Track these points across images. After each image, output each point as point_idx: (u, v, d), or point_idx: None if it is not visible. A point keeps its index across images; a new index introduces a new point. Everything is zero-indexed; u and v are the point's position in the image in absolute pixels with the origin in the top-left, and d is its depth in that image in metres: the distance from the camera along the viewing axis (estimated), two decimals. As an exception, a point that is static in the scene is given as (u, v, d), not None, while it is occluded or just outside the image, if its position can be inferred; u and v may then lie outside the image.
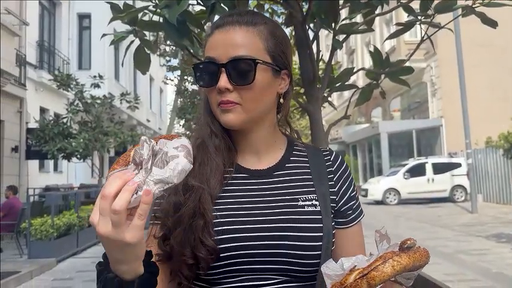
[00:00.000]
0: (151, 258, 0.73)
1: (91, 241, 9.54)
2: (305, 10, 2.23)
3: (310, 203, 0.90)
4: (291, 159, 0.97)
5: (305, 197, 0.91)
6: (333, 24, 2.18)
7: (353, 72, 2.45)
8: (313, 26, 2.32)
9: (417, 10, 2.13)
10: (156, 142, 0.68)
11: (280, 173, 0.94)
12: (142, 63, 2.06)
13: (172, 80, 20.18)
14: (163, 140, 0.68)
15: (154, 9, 1.86)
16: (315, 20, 2.27)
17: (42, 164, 14.67)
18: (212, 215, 0.84)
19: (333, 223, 0.92)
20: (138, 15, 1.92)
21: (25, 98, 12.79)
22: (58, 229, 8.10)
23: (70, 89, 13.27)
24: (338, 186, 0.96)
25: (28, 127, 13.01)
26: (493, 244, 8.38)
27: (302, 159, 0.98)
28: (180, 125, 22.08)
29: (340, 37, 2.27)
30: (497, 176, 15.70)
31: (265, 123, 0.94)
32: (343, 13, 2.40)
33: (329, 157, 0.99)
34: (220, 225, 0.84)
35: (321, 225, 0.88)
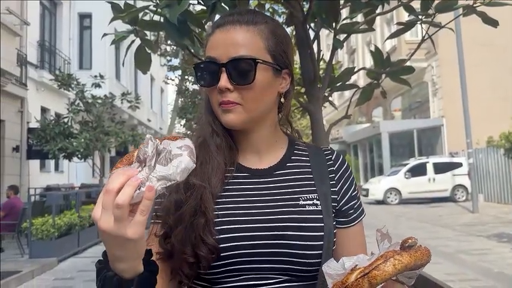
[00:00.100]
0: (151, 257, 0.73)
1: (92, 241, 9.55)
2: (306, 10, 2.23)
3: (311, 203, 0.90)
4: (292, 158, 0.97)
5: (306, 197, 0.90)
6: (334, 23, 2.18)
7: (354, 71, 2.46)
8: (314, 26, 2.32)
9: (418, 9, 2.13)
10: (161, 142, 0.69)
11: (281, 173, 0.94)
12: (143, 62, 2.07)
13: (173, 80, 20.21)
14: (167, 141, 0.69)
15: (155, 8, 1.86)
16: (316, 20, 2.28)
17: (43, 164, 14.68)
18: (213, 214, 0.84)
19: (334, 223, 0.92)
20: (139, 14, 1.92)
21: (26, 98, 12.80)
22: (59, 229, 8.11)
23: (71, 89, 13.28)
24: (339, 185, 0.96)
25: (29, 127, 13.01)
26: (494, 244, 8.37)
27: (303, 158, 0.98)
28: (181, 125, 22.10)
29: (340, 37, 2.27)
30: (498, 176, 15.69)
31: (266, 122, 0.94)
32: (343, 13, 2.40)
33: (330, 156, 0.98)
34: (221, 224, 0.84)
35: (322, 224, 0.88)
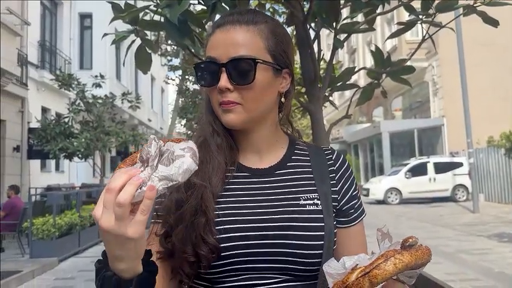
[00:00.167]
0: (150, 257, 0.73)
1: (93, 240, 9.56)
2: (306, 9, 2.23)
3: (311, 202, 0.90)
4: (293, 158, 0.97)
5: (307, 196, 0.90)
6: (334, 23, 2.18)
7: (354, 71, 2.46)
8: (314, 26, 2.32)
9: (418, 9, 2.13)
10: (164, 144, 0.69)
11: (281, 172, 0.94)
12: (143, 62, 2.07)
13: (173, 80, 20.22)
14: (170, 143, 0.70)
15: (155, 8, 1.86)
16: (316, 20, 2.28)
17: (43, 164, 14.69)
18: (214, 213, 0.84)
19: (335, 222, 0.91)
20: (139, 14, 1.92)
21: (27, 98, 12.81)
22: (60, 229, 8.11)
23: (71, 89, 13.29)
24: (340, 185, 0.96)
25: (30, 127, 13.02)
26: (495, 244, 8.37)
27: (304, 158, 0.98)
28: (182, 125, 22.12)
29: (341, 36, 2.27)
30: (498, 176, 15.68)
31: (266, 122, 0.94)
32: (344, 12, 2.40)
33: (331, 156, 0.98)
34: (221, 223, 0.84)
35: (323, 224, 0.88)
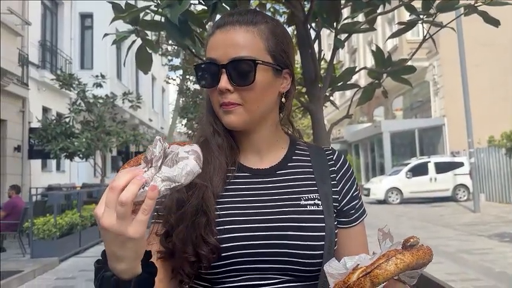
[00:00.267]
0: (150, 258, 0.73)
1: (93, 240, 9.56)
2: (307, 9, 2.23)
3: (312, 203, 0.90)
4: (293, 158, 0.97)
5: (307, 197, 0.90)
6: (335, 23, 2.18)
7: (355, 71, 2.46)
8: (315, 25, 2.32)
9: (419, 9, 2.13)
10: (169, 146, 0.69)
11: (282, 172, 0.94)
12: (144, 62, 2.07)
13: (174, 80, 20.25)
14: (175, 145, 0.70)
15: (156, 8, 1.86)
16: (317, 19, 2.27)
17: (44, 164, 14.70)
18: (215, 214, 0.84)
19: (336, 223, 0.91)
20: (140, 14, 1.92)
21: (27, 98, 12.81)
22: (61, 228, 8.12)
23: (72, 89, 13.31)
24: (341, 185, 0.95)
25: (30, 127, 13.02)
26: (496, 243, 8.36)
27: (304, 158, 0.98)
28: (182, 125, 22.13)
29: (342, 36, 2.27)
30: (499, 175, 15.66)
31: (267, 122, 0.94)
32: (345, 12, 2.40)
33: (331, 156, 0.98)
34: (222, 223, 0.84)
35: (323, 224, 0.88)
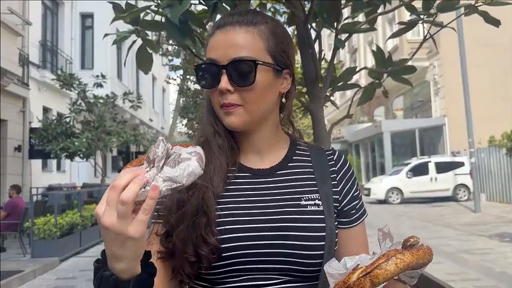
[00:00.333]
0: (149, 258, 0.73)
1: (94, 240, 9.56)
2: (307, 9, 2.23)
3: (313, 203, 0.90)
4: (294, 158, 0.97)
5: (308, 197, 0.90)
6: (335, 23, 2.18)
7: (355, 71, 2.46)
8: (315, 25, 2.32)
9: (420, 9, 2.12)
10: (172, 147, 0.70)
11: (282, 173, 0.94)
12: (144, 62, 2.07)
13: (174, 80, 20.26)
14: (178, 146, 0.71)
15: (156, 8, 1.86)
16: (317, 19, 2.27)
17: (45, 164, 14.70)
18: (215, 214, 0.84)
19: (336, 223, 0.91)
20: (140, 15, 1.92)
21: (28, 98, 12.82)
22: (61, 228, 8.12)
23: (73, 89, 13.30)
24: (341, 185, 0.95)
25: (31, 127, 13.02)
26: (496, 243, 8.35)
27: (305, 158, 0.98)
28: (183, 125, 22.13)
29: (342, 36, 2.27)
30: (500, 175, 15.65)
31: (267, 123, 0.94)
32: (345, 12, 2.40)
33: (332, 156, 0.98)
34: (222, 224, 0.84)
35: (324, 225, 0.87)
